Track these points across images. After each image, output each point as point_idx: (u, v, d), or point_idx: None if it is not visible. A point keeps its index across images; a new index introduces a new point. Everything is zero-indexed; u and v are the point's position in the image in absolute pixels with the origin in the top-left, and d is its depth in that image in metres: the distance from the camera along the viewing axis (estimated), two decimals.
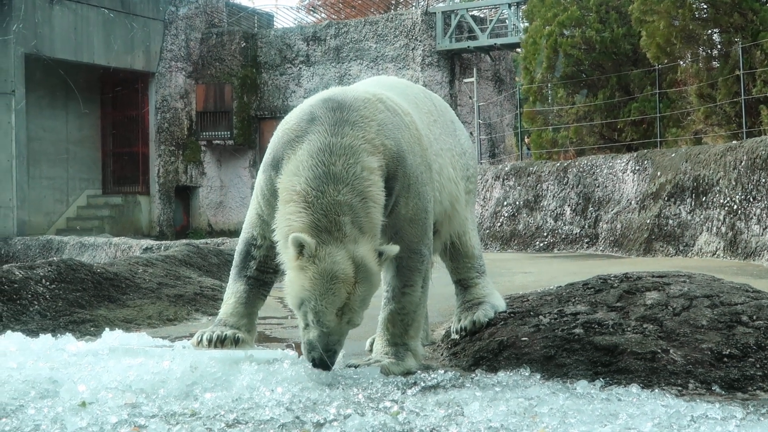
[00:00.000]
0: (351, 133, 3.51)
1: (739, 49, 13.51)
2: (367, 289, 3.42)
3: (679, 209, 12.51)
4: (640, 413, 3.02)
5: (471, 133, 22.26)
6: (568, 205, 15.44)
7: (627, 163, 14.33)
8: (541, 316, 4.21)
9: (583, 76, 17.46)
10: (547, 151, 18.16)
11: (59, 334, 4.44)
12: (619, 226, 14.01)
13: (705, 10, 14.55)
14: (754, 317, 3.90)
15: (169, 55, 27.13)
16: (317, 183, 3.41)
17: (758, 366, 3.61)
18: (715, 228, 11.64)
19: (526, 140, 20.80)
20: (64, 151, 25.63)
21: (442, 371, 3.77)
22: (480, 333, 4.27)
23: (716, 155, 11.95)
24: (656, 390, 3.45)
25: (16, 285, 5.64)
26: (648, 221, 13.07)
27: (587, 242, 14.74)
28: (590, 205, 15.01)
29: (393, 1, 35.02)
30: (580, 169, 15.39)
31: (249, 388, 3.30)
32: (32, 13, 23.31)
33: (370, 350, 4.18)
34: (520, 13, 23.63)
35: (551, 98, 18.21)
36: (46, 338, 4.19)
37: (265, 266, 3.96)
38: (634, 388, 3.42)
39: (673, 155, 13.27)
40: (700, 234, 11.93)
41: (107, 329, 4.58)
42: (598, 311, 4.11)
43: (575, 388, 3.45)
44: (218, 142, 28.06)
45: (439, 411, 3.08)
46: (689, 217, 12.27)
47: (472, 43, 25.58)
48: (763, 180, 10.86)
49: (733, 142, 12.56)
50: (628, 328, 3.90)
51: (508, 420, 2.95)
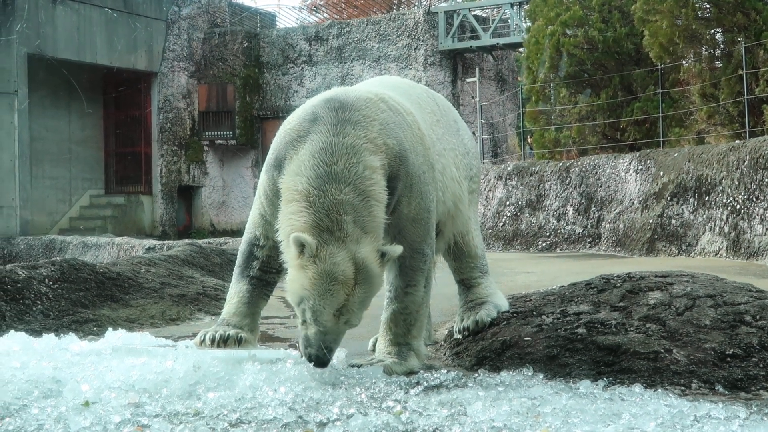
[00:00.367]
0: (353, 132, 3.51)
1: (742, 48, 13.49)
2: (366, 290, 3.42)
3: (682, 209, 12.50)
4: (643, 413, 3.02)
5: (473, 132, 22.21)
6: (571, 205, 15.43)
7: (630, 163, 14.31)
8: (544, 316, 4.20)
9: (586, 75, 17.44)
10: (549, 150, 18.13)
11: (62, 334, 4.43)
12: (621, 225, 14.00)
13: (708, 10, 14.53)
14: (758, 317, 3.90)
15: (171, 55, 27.14)
16: (319, 182, 3.40)
17: (761, 366, 3.60)
18: (718, 228, 11.63)
19: (529, 140, 20.78)
20: (66, 151, 25.64)
21: (445, 371, 3.77)
22: (483, 333, 4.26)
23: (719, 155, 11.94)
24: (659, 390, 3.44)
25: (19, 285, 5.65)
26: (651, 221, 13.05)
27: (590, 242, 14.73)
28: (593, 205, 14.99)
29: (395, 1, 34.99)
30: (583, 169, 15.38)
31: (252, 387, 3.30)
32: (35, 13, 23.31)
33: (373, 350, 4.18)
34: (523, 13, 23.63)
35: (554, 98, 18.18)
36: (49, 338, 4.18)
37: (268, 266, 3.96)
38: (637, 387, 3.42)
39: (675, 155, 13.26)
40: (703, 234, 11.92)
41: (110, 329, 4.58)
42: (601, 311, 4.11)
43: (578, 388, 3.45)
44: (221, 142, 28.07)
45: (442, 411, 3.08)
46: (692, 217, 12.26)
47: (474, 43, 25.56)
48: (766, 180, 10.84)
49: (736, 141, 12.53)
50: (631, 328, 3.89)
51: (511, 420, 2.95)
